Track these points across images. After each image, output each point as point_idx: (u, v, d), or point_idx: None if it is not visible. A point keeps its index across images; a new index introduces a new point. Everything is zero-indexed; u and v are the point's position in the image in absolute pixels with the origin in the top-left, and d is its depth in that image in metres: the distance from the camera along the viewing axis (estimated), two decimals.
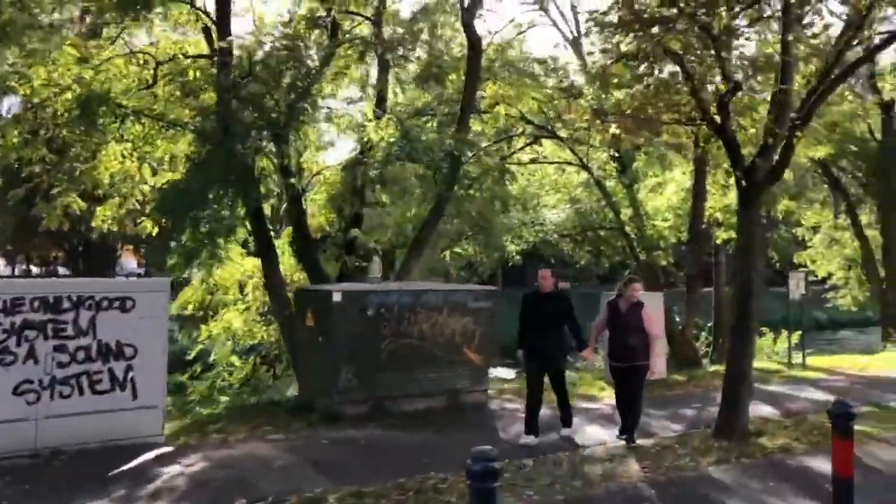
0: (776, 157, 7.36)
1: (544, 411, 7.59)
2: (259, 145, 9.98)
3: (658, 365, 6.67)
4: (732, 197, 16.69)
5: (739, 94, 7.35)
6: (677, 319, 20.76)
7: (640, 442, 7.27)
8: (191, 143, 10.06)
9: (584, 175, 17.05)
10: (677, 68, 7.54)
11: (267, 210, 11.74)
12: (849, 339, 36.02)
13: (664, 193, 17.12)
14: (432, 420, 8.31)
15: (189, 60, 10.34)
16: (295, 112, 10.01)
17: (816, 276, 21.97)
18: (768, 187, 7.79)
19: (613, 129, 7.93)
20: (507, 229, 17.26)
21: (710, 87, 7.56)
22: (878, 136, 20.56)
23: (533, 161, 17.54)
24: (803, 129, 7.50)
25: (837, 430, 4.69)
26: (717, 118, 7.38)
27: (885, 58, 20.62)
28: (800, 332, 14.25)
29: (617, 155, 16.93)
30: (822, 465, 6.48)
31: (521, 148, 18.02)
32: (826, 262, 21.50)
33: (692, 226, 16.17)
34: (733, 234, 16.47)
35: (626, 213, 17.31)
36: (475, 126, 17.81)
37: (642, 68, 7.56)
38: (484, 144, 18.26)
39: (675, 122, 7.76)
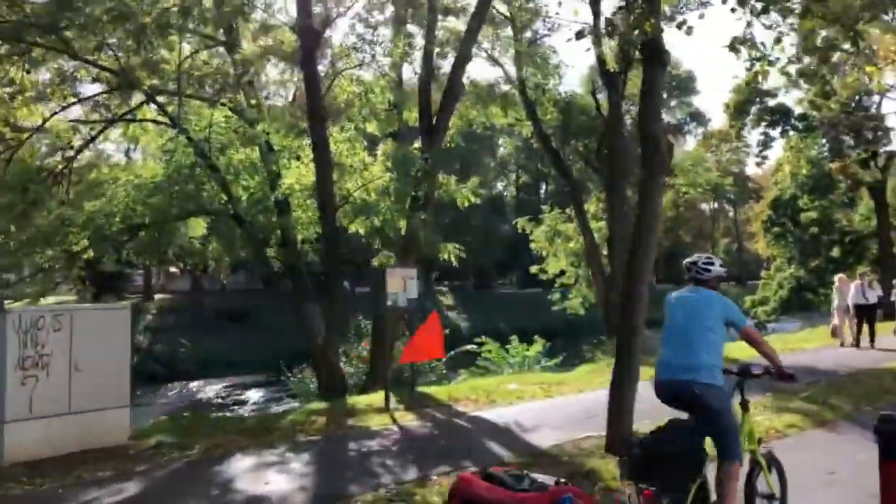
0: None
1: None
2: None
3: None
4: (378, 169, 12.62)
5: None
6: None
7: None
8: None
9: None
10: None
11: None
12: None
13: (303, 165, 12.65)
14: None
15: None
16: None
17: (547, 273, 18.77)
18: None
19: None
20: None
21: None
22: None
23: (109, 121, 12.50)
24: None
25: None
26: None
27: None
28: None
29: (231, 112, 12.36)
30: None
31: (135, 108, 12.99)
32: (555, 257, 18.25)
33: (320, 211, 11.85)
34: (377, 222, 12.35)
35: (259, 192, 12.74)
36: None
37: None
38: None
39: None
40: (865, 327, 13.00)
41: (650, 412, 7.48)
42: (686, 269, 4.12)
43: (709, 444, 3.77)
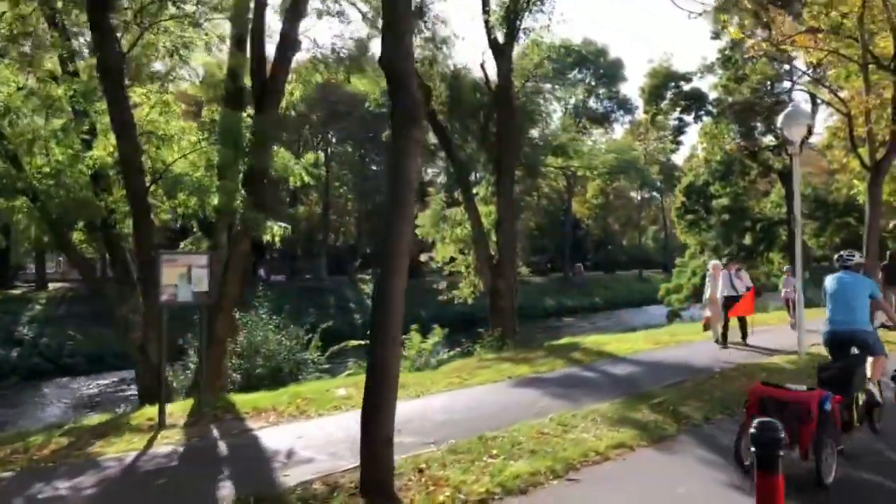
0: None
1: None
2: None
3: None
4: (196, 137, 10.82)
5: None
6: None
7: None
8: None
9: None
10: None
11: None
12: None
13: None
14: None
15: None
16: None
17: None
18: None
19: None
20: None
21: None
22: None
23: None
24: None
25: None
26: None
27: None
28: (197, 363, 8.61)
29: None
30: None
31: None
32: (443, 244, 16.86)
33: (125, 186, 10.01)
34: (190, 201, 10.58)
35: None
36: None
37: None
38: None
39: None
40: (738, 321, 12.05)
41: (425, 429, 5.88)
42: (837, 258, 6.44)
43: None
